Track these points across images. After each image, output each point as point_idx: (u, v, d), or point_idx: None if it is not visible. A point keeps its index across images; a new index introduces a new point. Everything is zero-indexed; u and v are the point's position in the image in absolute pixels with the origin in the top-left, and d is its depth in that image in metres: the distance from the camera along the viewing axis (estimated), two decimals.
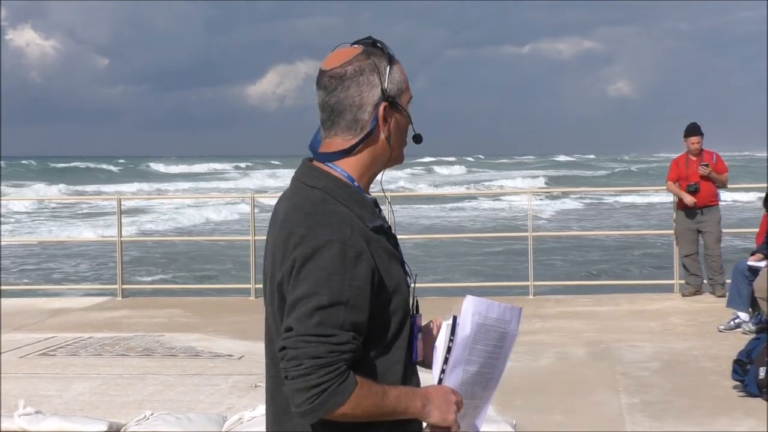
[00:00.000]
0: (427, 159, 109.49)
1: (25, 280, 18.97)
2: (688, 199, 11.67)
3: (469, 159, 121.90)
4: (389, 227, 2.38)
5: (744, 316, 9.74)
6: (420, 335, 2.40)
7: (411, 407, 2.26)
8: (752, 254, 10.04)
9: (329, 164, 2.36)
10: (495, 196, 44.92)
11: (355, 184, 2.35)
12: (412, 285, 2.41)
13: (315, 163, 2.38)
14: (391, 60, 2.35)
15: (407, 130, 2.42)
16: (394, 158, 2.41)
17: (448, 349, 2.32)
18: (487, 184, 61.44)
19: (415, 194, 45.39)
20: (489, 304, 2.35)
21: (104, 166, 79.75)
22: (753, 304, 9.65)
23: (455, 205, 40.35)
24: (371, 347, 2.27)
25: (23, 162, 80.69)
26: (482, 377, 2.39)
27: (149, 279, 19.23)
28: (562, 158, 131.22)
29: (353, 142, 2.35)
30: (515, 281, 14.36)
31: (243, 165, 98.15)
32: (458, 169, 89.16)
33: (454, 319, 2.32)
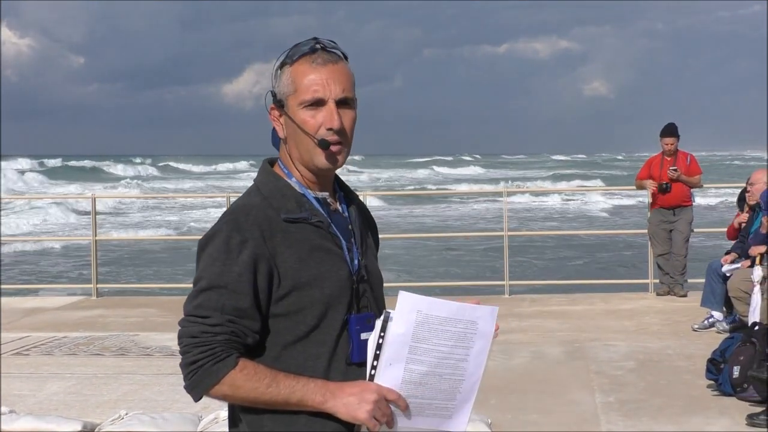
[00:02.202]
0: (421, 159, 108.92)
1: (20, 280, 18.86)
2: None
3: (467, 158, 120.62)
4: (320, 222, 2.38)
5: (718, 315, 9.81)
6: (365, 335, 2.36)
7: (308, 399, 2.27)
8: (727, 253, 10.10)
9: (279, 162, 2.47)
10: (473, 196, 45.00)
11: (293, 179, 2.42)
12: (355, 284, 2.39)
13: (275, 162, 2.51)
14: (284, 62, 2.41)
15: (301, 134, 2.38)
16: (306, 162, 2.41)
17: (378, 346, 2.28)
18: (519, 183, 59.59)
19: (391, 193, 45.42)
20: (432, 301, 2.29)
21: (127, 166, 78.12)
22: (727, 304, 9.72)
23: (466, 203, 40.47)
24: (279, 337, 2.33)
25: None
26: (442, 378, 2.32)
27: (124, 278, 19.14)
28: (559, 158, 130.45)
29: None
30: (491, 281, 14.39)
31: (253, 162, 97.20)
32: (475, 169, 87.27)
33: (386, 315, 2.27)
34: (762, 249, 9.29)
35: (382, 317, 2.29)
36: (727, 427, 6.59)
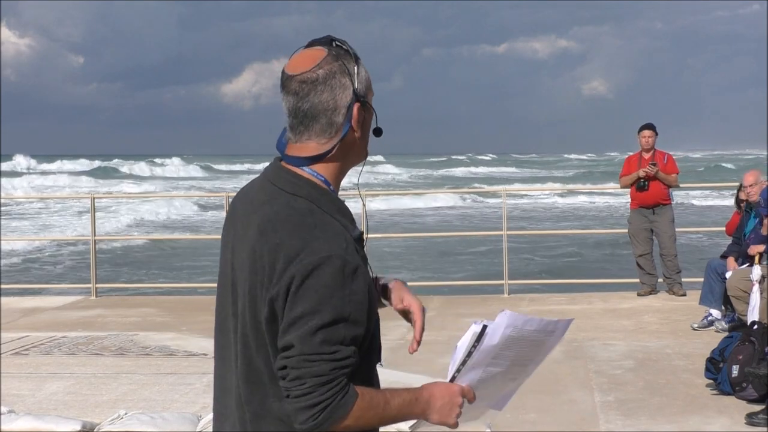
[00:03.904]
0: (439, 158, 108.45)
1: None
2: (643, 171, 11.76)
3: (484, 158, 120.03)
4: (362, 233, 2.37)
5: (717, 314, 9.81)
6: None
7: (412, 414, 2.29)
8: (722, 256, 10.09)
9: (305, 168, 2.33)
10: (474, 195, 44.98)
11: (331, 188, 2.34)
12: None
13: (289, 166, 2.35)
14: (357, 59, 2.35)
15: (371, 129, 2.44)
16: (362, 157, 2.45)
17: (470, 354, 2.33)
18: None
19: (393, 192, 45.35)
20: (527, 319, 2.35)
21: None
22: (726, 302, 9.71)
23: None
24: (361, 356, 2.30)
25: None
26: (509, 374, 2.44)
27: (124, 278, 19.14)
28: (576, 157, 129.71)
29: (328, 145, 2.33)
30: (490, 279, 14.38)
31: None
32: (510, 169, 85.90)
33: (484, 327, 2.32)
34: (761, 248, 9.30)
35: (477, 328, 2.33)
36: (726, 427, 6.59)
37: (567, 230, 27.37)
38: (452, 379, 2.36)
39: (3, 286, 14.35)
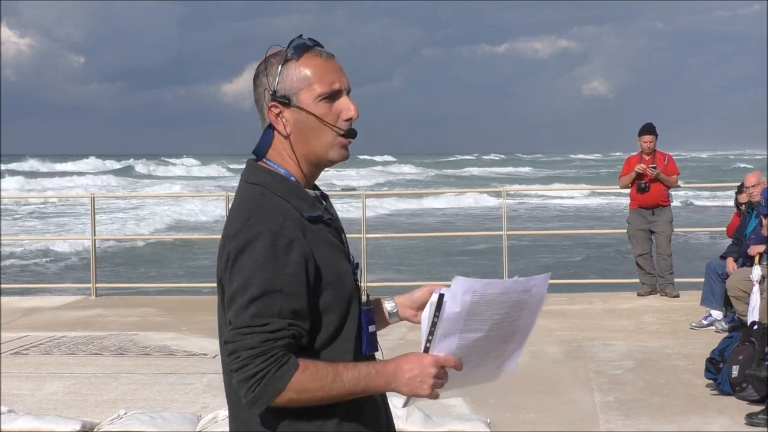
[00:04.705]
0: (446, 159, 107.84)
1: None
2: (640, 167, 11.77)
3: (493, 158, 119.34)
4: (331, 219, 2.39)
5: (717, 314, 9.81)
6: (372, 327, 2.42)
7: (371, 387, 2.27)
8: (722, 257, 10.08)
9: (268, 162, 2.40)
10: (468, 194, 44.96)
11: (293, 179, 2.37)
12: (359, 278, 2.44)
13: (259, 162, 2.42)
14: (288, 58, 2.35)
15: (320, 128, 2.36)
16: (318, 156, 2.40)
17: (434, 323, 2.30)
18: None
19: (391, 192, 45.36)
20: (487, 282, 2.31)
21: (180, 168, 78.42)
22: (726, 303, 9.71)
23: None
24: (315, 338, 2.30)
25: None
26: (496, 337, 2.39)
27: (123, 278, 19.13)
28: (583, 157, 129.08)
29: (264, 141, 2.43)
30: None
31: None
32: (526, 170, 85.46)
33: (440, 297, 2.30)
34: (761, 248, 9.29)
35: (435, 297, 2.31)
36: (726, 427, 6.58)
37: (567, 230, 27.34)
38: (426, 351, 2.33)
39: (3, 286, 14.34)
